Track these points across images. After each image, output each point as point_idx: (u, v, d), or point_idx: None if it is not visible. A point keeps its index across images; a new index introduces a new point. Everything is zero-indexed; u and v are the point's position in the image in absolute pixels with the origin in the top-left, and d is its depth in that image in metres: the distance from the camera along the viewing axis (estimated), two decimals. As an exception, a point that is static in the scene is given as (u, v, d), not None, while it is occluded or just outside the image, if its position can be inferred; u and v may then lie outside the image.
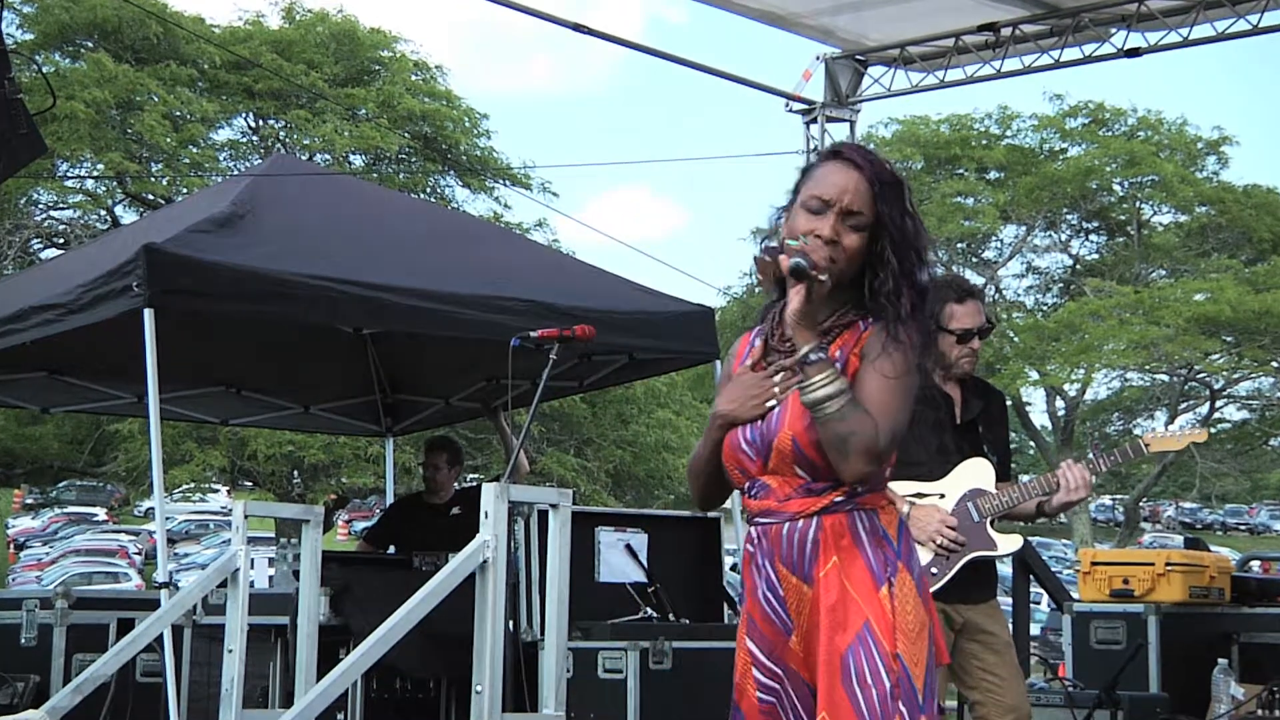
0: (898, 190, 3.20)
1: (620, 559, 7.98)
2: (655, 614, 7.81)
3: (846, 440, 3.07)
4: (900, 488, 5.37)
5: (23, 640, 8.04)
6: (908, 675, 3.09)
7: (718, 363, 8.92)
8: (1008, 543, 5.41)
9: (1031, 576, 8.83)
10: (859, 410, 3.07)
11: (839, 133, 13.61)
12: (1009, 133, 33.12)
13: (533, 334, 5.79)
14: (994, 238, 34.13)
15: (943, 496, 5.37)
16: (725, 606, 8.51)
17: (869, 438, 3.06)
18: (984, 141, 32.79)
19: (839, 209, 3.17)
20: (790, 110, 13.29)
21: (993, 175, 32.92)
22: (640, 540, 8.09)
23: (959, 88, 12.66)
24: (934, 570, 5.25)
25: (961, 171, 32.59)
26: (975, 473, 5.42)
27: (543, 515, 5.88)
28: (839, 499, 3.16)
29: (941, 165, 32.73)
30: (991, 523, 5.36)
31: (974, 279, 30.34)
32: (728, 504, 3.93)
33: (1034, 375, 32.21)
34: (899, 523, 3.23)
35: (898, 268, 3.17)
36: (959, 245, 33.00)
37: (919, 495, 5.36)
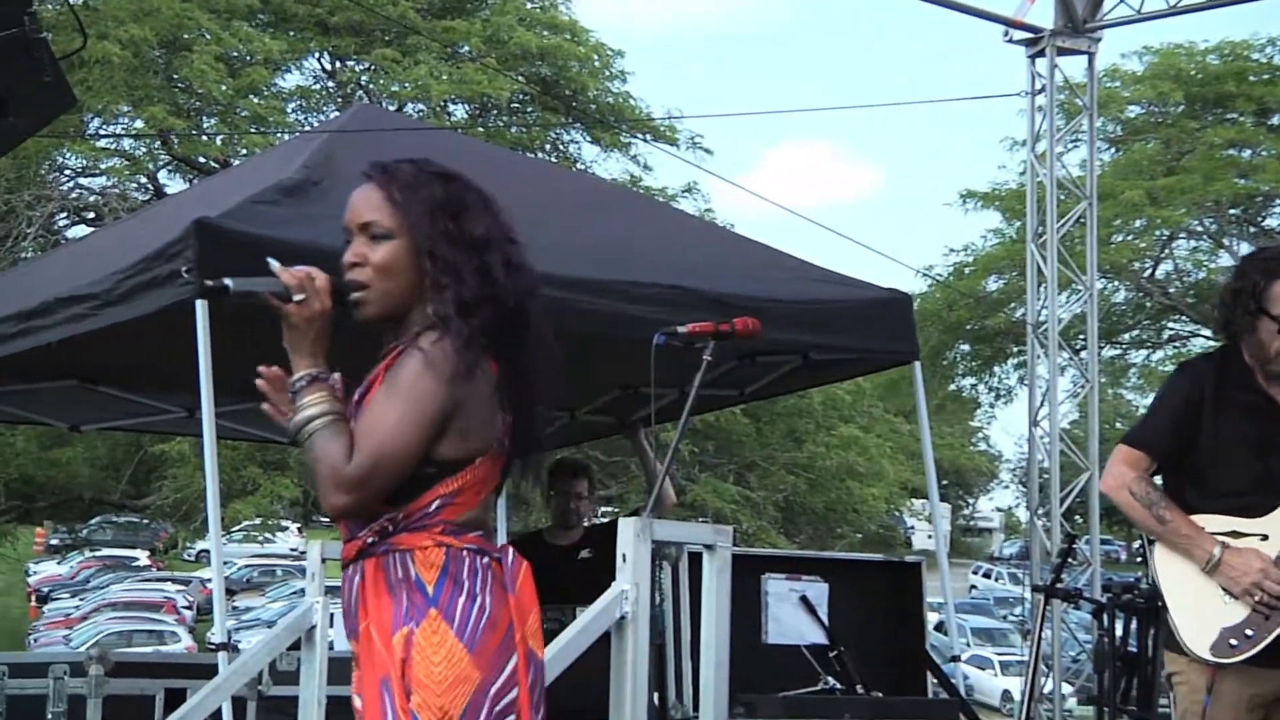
0: (417, 188, 3.69)
1: (793, 615, 7.98)
2: (839, 685, 7.79)
3: (315, 470, 3.52)
4: (1212, 524, 5.29)
5: (50, 714, 8.21)
6: None
7: (917, 365, 8.89)
8: None
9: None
10: (330, 436, 3.52)
11: (1073, 68, 13.50)
12: (1298, 64, 32.49)
13: (681, 329, 5.80)
14: (1278, 200, 33.51)
15: (1265, 538, 5.27)
16: (929, 675, 8.47)
17: (331, 466, 3.48)
18: (1265, 75, 32.19)
19: (355, 229, 3.69)
20: (1011, 41, 13.20)
21: (1277, 120, 32.32)
22: (819, 591, 8.07)
23: (1232, 6, 12.48)
24: (1249, 632, 5.18)
25: (1235, 115, 31.97)
26: None
27: (695, 559, 5.89)
28: (371, 540, 3.59)
29: (1209, 107, 32.14)
30: None
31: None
32: (931, 545, 3.94)
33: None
34: (444, 563, 3.54)
35: (430, 269, 3.63)
36: (1231, 211, 32.44)
37: (1234, 534, 5.27)
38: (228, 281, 3.57)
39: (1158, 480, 5.54)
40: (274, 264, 3.59)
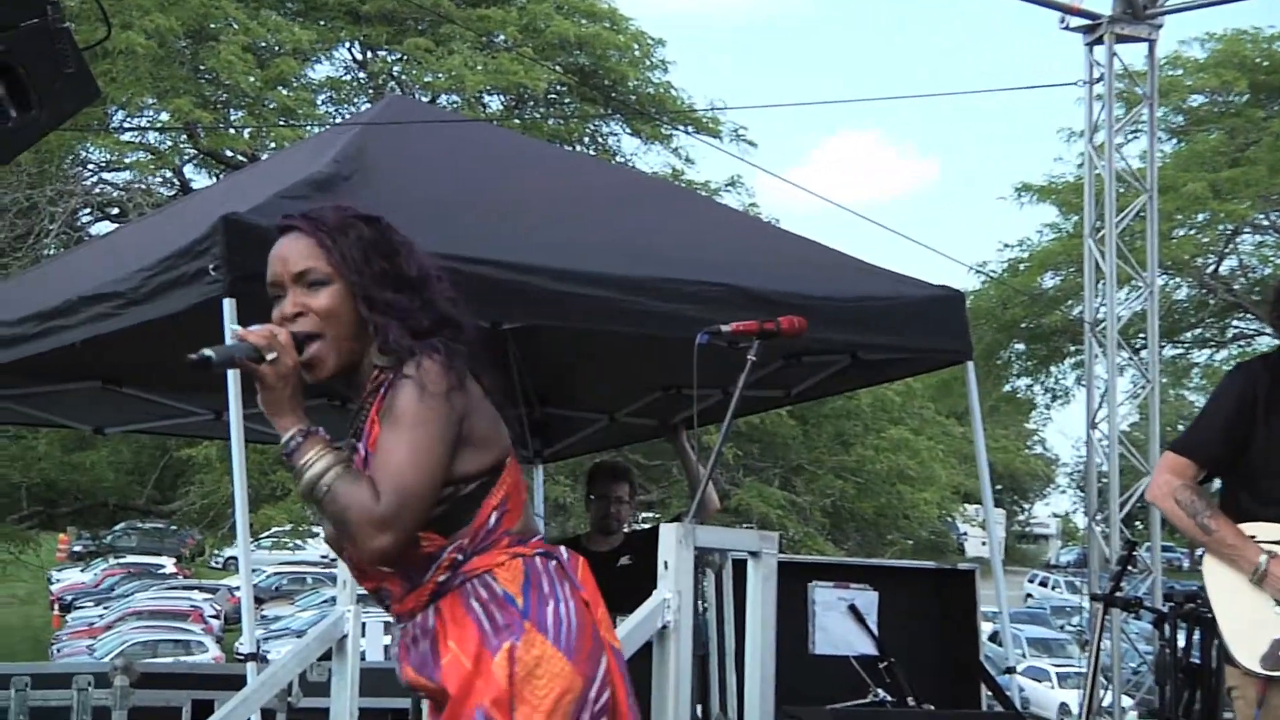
0: (346, 231, 3.71)
1: (842, 624, 7.97)
2: (889, 697, 7.78)
3: (343, 520, 3.49)
4: (1265, 532, 5.27)
5: (73, 726, 8.25)
6: None
7: (969, 364, 8.87)
8: None
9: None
10: (350, 481, 3.49)
11: (1133, 55, 13.46)
12: (1369, 50, 32.31)
13: (724, 328, 5.80)
14: (1349, 194, 33.32)
15: None
16: (982, 687, 8.45)
17: (363, 509, 3.45)
18: (1334, 62, 32.03)
19: (289, 280, 3.68)
20: (1067, 27, 13.17)
21: (1347, 108, 32.16)
22: (868, 599, 8.06)
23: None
24: None
25: (1304, 105, 31.87)
26: None
27: (739, 566, 5.89)
28: (444, 577, 3.61)
29: (1275, 96, 32.00)
30: None
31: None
32: (985, 552, 3.95)
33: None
34: (525, 574, 3.59)
35: (369, 308, 3.64)
36: (1299, 204, 32.27)
37: None
38: (208, 352, 3.57)
39: (1217, 484, 5.52)
40: (237, 329, 3.68)
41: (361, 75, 28.40)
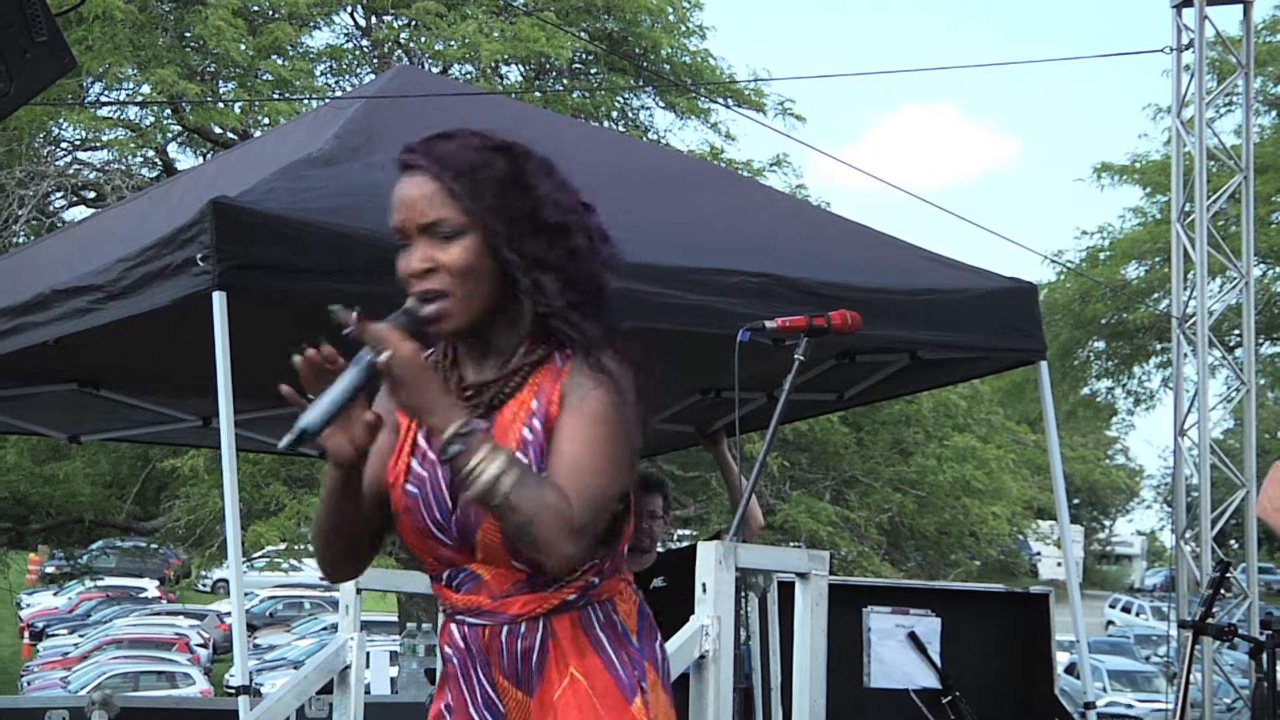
0: (476, 172, 3.57)
1: (900, 654, 7.98)
2: (954, 736, 7.79)
3: (528, 530, 3.39)
4: None
5: (46, 766, 8.29)
6: None
7: (1043, 364, 8.87)
8: None
9: None
10: (536, 486, 3.39)
11: (1226, 20, 13.43)
12: None
13: (769, 323, 5.82)
14: None
15: None
16: (1058, 725, 8.46)
17: (558, 518, 3.38)
18: None
19: (416, 230, 3.58)
20: (1153, -12, 13.16)
21: None
22: (930, 626, 8.07)
23: None
24: None
25: None
26: None
27: (786, 589, 5.90)
28: (572, 596, 3.60)
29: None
30: None
31: None
32: (1060, 574, 3.97)
33: None
34: (638, 610, 3.69)
35: (521, 262, 3.54)
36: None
37: None
38: (303, 423, 3.41)
39: None
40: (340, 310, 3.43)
41: (365, 43, 28.38)
